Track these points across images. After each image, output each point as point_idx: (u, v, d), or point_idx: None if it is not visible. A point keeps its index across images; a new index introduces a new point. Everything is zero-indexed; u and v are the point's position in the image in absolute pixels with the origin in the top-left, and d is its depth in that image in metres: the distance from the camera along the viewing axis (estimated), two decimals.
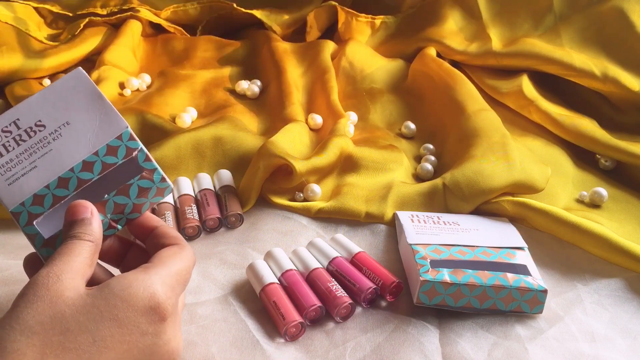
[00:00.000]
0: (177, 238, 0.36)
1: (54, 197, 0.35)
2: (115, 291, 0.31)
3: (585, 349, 0.40)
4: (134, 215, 0.37)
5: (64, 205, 0.35)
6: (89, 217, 0.34)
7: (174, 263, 0.34)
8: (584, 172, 0.60)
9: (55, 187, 0.35)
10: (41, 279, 0.30)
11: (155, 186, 0.36)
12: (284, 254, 0.45)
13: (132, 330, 0.31)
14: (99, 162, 0.35)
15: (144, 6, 0.79)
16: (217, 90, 0.69)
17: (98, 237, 0.34)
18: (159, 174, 0.37)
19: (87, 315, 0.30)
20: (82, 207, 0.34)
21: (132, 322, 0.31)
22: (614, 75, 0.65)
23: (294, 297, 0.41)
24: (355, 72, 0.72)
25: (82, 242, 0.33)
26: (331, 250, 0.45)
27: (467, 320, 0.41)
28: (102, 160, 0.36)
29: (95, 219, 0.34)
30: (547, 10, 0.73)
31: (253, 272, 0.43)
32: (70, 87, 0.36)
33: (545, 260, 0.47)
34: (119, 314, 0.30)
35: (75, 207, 0.34)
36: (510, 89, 0.68)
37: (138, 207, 0.37)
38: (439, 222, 0.48)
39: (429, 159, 0.59)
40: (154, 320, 0.31)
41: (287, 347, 0.38)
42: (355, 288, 0.42)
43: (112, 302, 0.30)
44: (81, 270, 0.32)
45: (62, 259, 0.32)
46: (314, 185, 0.53)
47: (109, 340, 0.30)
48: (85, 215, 0.34)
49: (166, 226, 0.37)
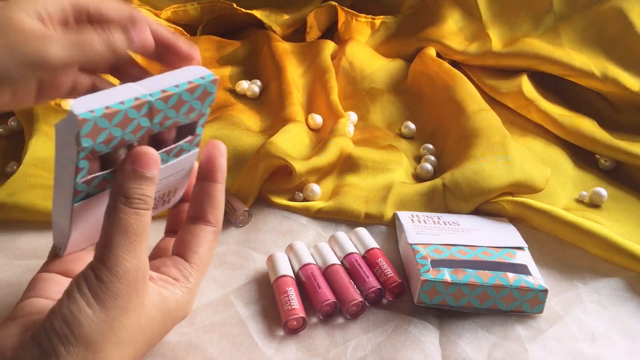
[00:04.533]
0: (218, 211, 0.36)
1: (124, 117, 0.29)
2: (169, 309, 0.33)
3: (585, 348, 0.40)
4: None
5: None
6: (157, 177, 0.31)
7: (208, 261, 0.36)
8: (583, 172, 0.60)
9: (130, 107, 0.29)
10: (133, 280, 0.30)
11: (190, 148, 0.35)
12: (305, 247, 0.45)
13: (164, 335, 0.35)
14: (176, 96, 0.31)
15: (144, 6, 0.79)
16: (218, 90, 0.68)
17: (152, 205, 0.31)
18: (198, 139, 0.35)
19: (150, 329, 0.32)
20: (154, 160, 0.31)
21: (167, 330, 0.35)
22: (614, 76, 0.65)
23: (310, 290, 0.41)
24: (355, 72, 0.72)
25: (149, 215, 0.31)
26: (349, 245, 0.46)
27: (468, 320, 0.41)
28: (180, 95, 0.31)
29: (155, 182, 0.31)
30: (546, 10, 0.73)
31: (271, 262, 0.44)
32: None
33: (545, 260, 0.48)
34: (164, 327, 0.34)
35: (146, 156, 0.30)
36: (510, 89, 0.68)
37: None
38: (439, 222, 0.48)
39: (428, 159, 0.59)
40: (177, 323, 0.36)
41: (288, 347, 0.38)
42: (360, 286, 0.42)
43: (165, 317, 0.33)
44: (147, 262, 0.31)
45: (144, 246, 0.30)
46: (314, 185, 0.53)
47: (152, 344, 0.34)
48: (154, 174, 0.31)
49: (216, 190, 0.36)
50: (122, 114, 0.29)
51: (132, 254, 0.29)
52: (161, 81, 0.31)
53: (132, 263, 0.29)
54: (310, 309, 0.41)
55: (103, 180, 0.31)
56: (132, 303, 0.30)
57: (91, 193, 0.31)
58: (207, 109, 0.34)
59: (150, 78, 0.31)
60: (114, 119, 0.28)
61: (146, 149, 0.31)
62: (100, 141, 0.29)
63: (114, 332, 0.29)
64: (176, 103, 0.31)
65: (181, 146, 0.34)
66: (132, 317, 0.30)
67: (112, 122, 0.28)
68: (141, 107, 0.29)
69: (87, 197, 0.31)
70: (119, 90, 0.30)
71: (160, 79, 0.31)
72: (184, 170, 0.37)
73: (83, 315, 0.28)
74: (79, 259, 0.36)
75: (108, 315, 0.29)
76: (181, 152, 0.35)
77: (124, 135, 0.30)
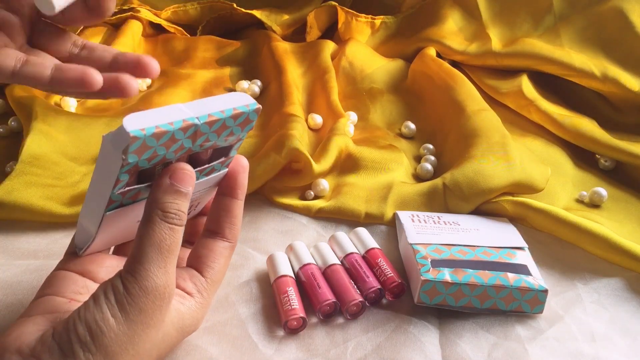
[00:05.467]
0: (236, 227, 0.37)
1: (171, 138, 0.30)
2: (183, 323, 0.34)
3: (585, 348, 0.40)
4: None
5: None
6: (191, 193, 0.32)
7: (222, 276, 0.37)
8: (583, 172, 0.60)
9: (179, 129, 0.30)
10: (160, 297, 0.30)
11: (221, 168, 0.36)
12: (305, 247, 0.45)
13: (174, 347, 0.35)
14: (221, 122, 0.32)
15: (144, 6, 0.79)
16: (218, 90, 0.69)
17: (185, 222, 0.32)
18: (228, 163, 0.36)
19: (165, 344, 0.33)
20: (190, 177, 0.32)
21: (178, 341, 0.35)
22: (614, 76, 0.65)
23: (310, 290, 0.41)
24: (355, 72, 0.72)
25: (182, 231, 0.31)
26: (349, 245, 0.46)
27: (468, 321, 0.41)
28: (225, 122, 0.32)
29: (189, 199, 0.32)
30: (546, 10, 0.73)
31: (271, 262, 0.44)
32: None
33: (545, 260, 0.48)
34: (177, 340, 0.34)
35: (184, 172, 0.32)
36: (510, 89, 0.68)
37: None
38: (439, 222, 0.48)
39: (429, 159, 0.59)
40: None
41: (287, 347, 0.38)
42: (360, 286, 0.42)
43: (179, 330, 0.33)
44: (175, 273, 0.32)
45: (173, 263, 0.31)
46: (323, 181, 0.53)
47: (163, 354, 0.34)
48: (189, 190, 0.32)
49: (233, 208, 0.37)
50: (169, 134, 0.30)
51: (163, 270, 0.30)
52: (208, 105, 0.32)
53: (162, 280, 0.30)
54: (310, 309, 0.41)
55: (137, 192, 0.33)
56: (155, 319, 0.30)
57: (124, 203, 0.33)
58: (244, 135, 0.35)
59: (197, 100, 0.32)
60: (162, 139, 0.30)
61: (183, 165, 0.32)
62: (144, 158, 0.30)
63: (133, 346, 0.29)
64: (219, 128, 0.32)
65: (214, 166, 0.35)
66: (151, 332, 0.30)
67: (159, 141, 0.30)
68: (188, 130, 0.31)
69: (119, 207, 0.33)
70: (168, 110, 0.31)
71: (207, 103, 0.32)
72: (210, 187, 0.37)
73: (107, 325, 0.29)
74: (97, 261, 0.36)
75: (130, 329, 0.29)
76: (212, 171, 0.36)
77: (167, 154, 0.31)
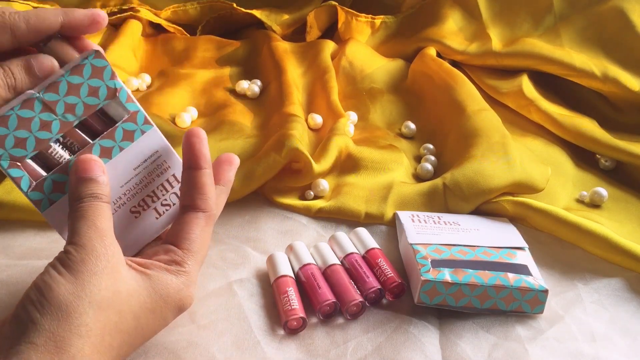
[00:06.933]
0: (206, 196, 0.37)
1: (19, 118, 0.32)
2: (157, 289, 0.33)
3: (585, 349, 0.40)
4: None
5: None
6: (102, 177, 0.34)
7: (203, 247, 0.36)
8: (584, 172, 0.60)
9: (19, 108, 0.32)
10: (99, 247, 0.31)
11: (139, 128, 0.36)
12: (305, 247, 0.45)
13: (161, 321, 0.34)
14: (64, 81, 0.33)
15: (144, 6, 0.79)
16: (218, 90, 0.69)
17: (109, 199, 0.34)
18: (142, 115, 0.36)
19: (135, 300, 0.32)
20: (95, 165, 0.34)
21: (163, 316, 0.34)
22: (614, 76, 0.65)
23: (310, 290, 0.41)
24: (355, 72, 0.72)
25: (106, 205, 0.33)
26: (349, 245, 0.46)
27: (468, 321, 0.41)
28: (68, 80, 0.33)
29: (107, 179, 0.34)
30: (547, 10, 0.73)
31: (271, 262, 0.44)
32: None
33: (546, 260, 0.47)
34: (156, 308, 0.33)
35: (87, 162, 0.34)
36: (510, 89, 0.68)
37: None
38: (439, 222, 0.48)
39: (429, 159, 0.59)
40: (178, 313, 0.35)
41: (288, 347, 0.38)
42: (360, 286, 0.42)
43: (154, 297, 0.33)
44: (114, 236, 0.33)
45: (104, 224, 0.32)
46: (323, 181, 0.53)
47: (145, 328, 0.33)
48: (98, 175, 0.34)
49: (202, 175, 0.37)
50: (14, 117, 0.30)
51: (92, 227, 0.32)
52: (53, 76, 0.33)
53: (94, 232, 0.32)
54: (310, 309, 0.41)
55: (54, 184, 0.33)
56: (101, 266, 0.31)
57: (53, 199, 0.33)
58: (115, 83, 0.34)
59: (49, 78, 0.33)
60: (9, 123, 0.30)
61: (84, 157, 0.34)
62: (10, 147, 0.30)
63: (85, 293, 0.30)
64: (69, 89, 0.32)
65: (122, 127, 0.35)
66: (104, 280, 0.31)
67: (8, 126, 0.30)
68: (32, 105, 0.31)
69: (54, 200, 0.33)
70: (18, 99, 0.32)
71: (55, 75, 0.33)
72: (157, 153, 0.37)
73: (54, 281, 0.30)
74: None
75: (78, 278, 0.30)
76: (131, 134, 0.35)
77: (36, 134, 0.31)
